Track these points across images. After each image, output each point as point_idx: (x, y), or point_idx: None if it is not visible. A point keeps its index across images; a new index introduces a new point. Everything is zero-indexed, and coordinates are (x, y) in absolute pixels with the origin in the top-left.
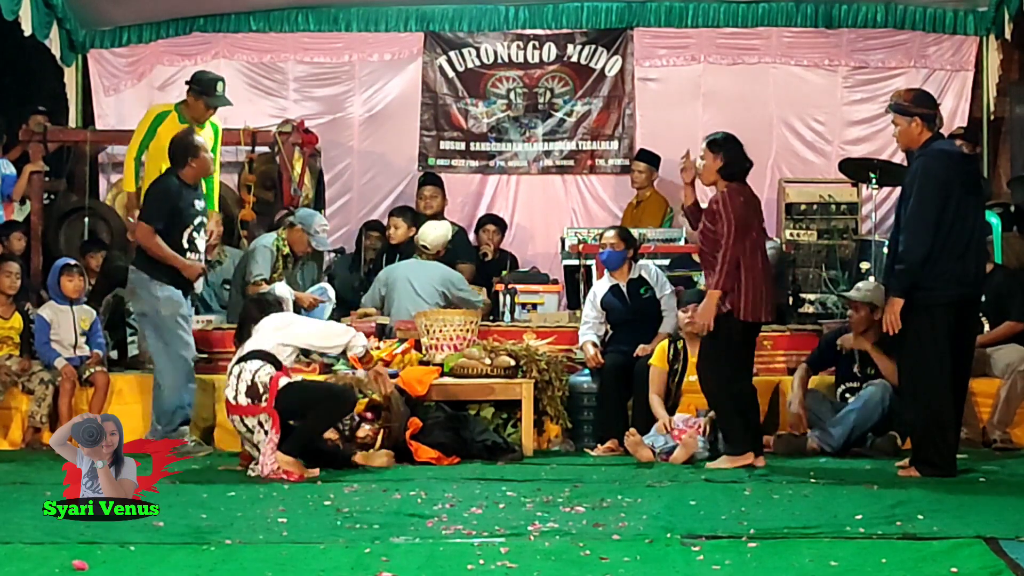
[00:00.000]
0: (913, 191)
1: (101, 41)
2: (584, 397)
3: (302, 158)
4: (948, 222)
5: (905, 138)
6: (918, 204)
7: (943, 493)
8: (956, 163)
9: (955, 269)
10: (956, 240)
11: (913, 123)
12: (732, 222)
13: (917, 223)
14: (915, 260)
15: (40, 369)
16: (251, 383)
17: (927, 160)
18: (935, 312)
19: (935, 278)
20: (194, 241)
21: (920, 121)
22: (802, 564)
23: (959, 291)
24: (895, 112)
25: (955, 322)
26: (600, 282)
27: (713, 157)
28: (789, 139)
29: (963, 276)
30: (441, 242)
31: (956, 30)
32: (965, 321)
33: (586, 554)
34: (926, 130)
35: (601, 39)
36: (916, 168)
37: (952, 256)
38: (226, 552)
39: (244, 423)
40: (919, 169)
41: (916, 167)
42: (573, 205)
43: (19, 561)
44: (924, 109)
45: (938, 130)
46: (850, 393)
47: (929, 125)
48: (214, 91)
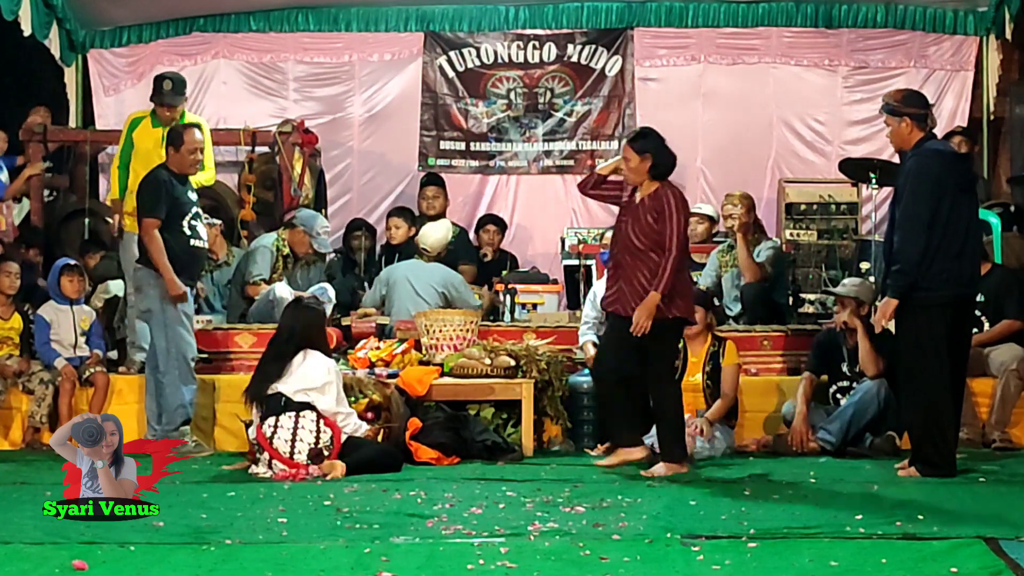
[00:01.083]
0: (906, 191)
1: (101, 41)
2: (584, 397)
3: (302, 158)
4: (942, 222)
5: (897, 138)
6: (911, 204)
7: (943, 493)
8: (949, 162)
9: (951, 269)
10: (952, 240)
11: (903, 123)
12: (680, 226)
13: (910, 223)
14: (910, 260)
15: (40, 369)
16: (315, 446)
17: (919, 159)
18: (932, 312)
19: (932, 278)
20: (195, 228)
21: (910, 121)
22: (802, 564)
23: (956, 291)
24: (886, 112)
25: (952, 322)
26: (600, 282)
27: (640, 158)
28: (789, 139)
29: (959, 276)
30: (442, 243)
31: (956, 30)
32: (962, 321)
33: (586, 554)
34: (917, 130)
35: (601, 39)
36: (908, 168)
37: (948, 256)
38: (226, 552)
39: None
40: (911, 169)
41: (908, 167)
42: (573, 205)
43: (19, 561)
44: (914, 109)
45: (930, 130)
46: (841, 393)
47: (920, 125)
48: (160, 90)
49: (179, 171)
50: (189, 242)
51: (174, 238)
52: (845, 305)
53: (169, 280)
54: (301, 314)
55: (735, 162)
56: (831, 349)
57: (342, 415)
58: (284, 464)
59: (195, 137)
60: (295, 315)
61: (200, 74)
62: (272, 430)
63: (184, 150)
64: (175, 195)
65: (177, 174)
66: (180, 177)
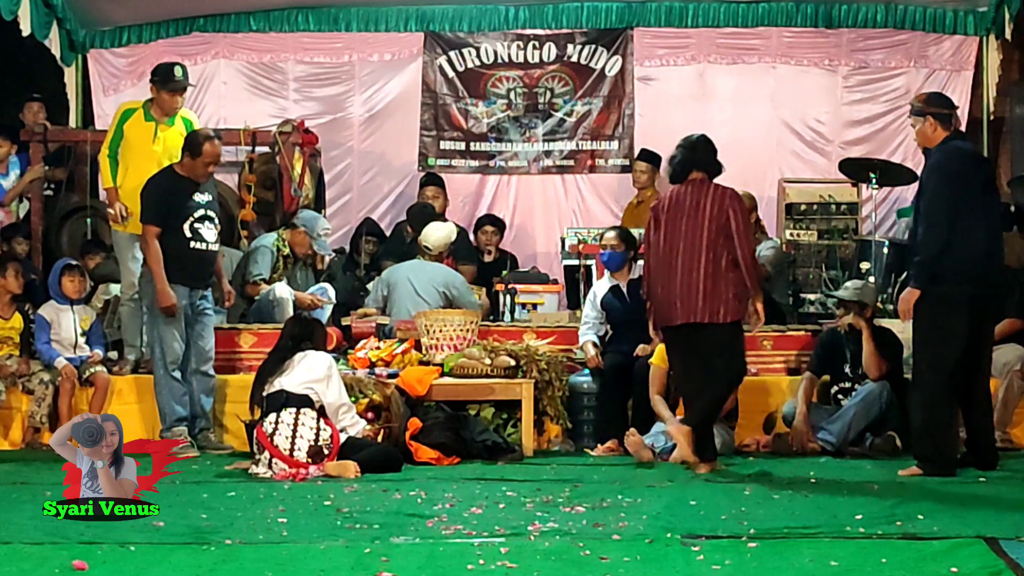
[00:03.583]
0: (929, 186)
1: (101, 41)
2: (584, 397)
3: (302, 158)
4: (965, 218)
5: (922, 137)
6: (933, 198)
7: (943, 493)
8: (972, 160)
9: (973, 266)
10: (973, 237)
11: (927, 122)
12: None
13: (933, 216)
14: (931, 252)
15: (40, 369)
16: (314, 443)
17: (942, 156)
18: (951, 308)
19: (953, 274)
20: (198, 231)
21: (933, 120)
22: (802, 564)
23: (977, 289)
24: (911, 115)
25: (973, 319)
26: (600, 282)
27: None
28: (789, 139)
29: (981, 273)
30: (444, 243)
31: (956, 30)
32: (982, 318)
33: (586, 554)
34: (941, 129)
35: (601, 39)
36: (932, 164)
37: (969, 252)
38: (226, 552)
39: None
40: (935, 164)
41: (932, 162)
42: (573, 205)
43: (19, 561)
44: (937, 108)
45: (956, 129)
46: (843, 394)
47: (944, 124)
48: (172, 76)
49: (190, 177)
50: (189, 244)
51: (174, 241)
52: (848, 308)
53: (160, 290)
54: (301, 322)
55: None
56: (834, 349)
57: (345, 406)
58: (284, 462)
59: (215, 150)
60: (296, 324)
61: (200, 74)
62: (273, 427)
63: (200, 161)
64: (178, 199)
65: (187, 177)
66: (190, 181)
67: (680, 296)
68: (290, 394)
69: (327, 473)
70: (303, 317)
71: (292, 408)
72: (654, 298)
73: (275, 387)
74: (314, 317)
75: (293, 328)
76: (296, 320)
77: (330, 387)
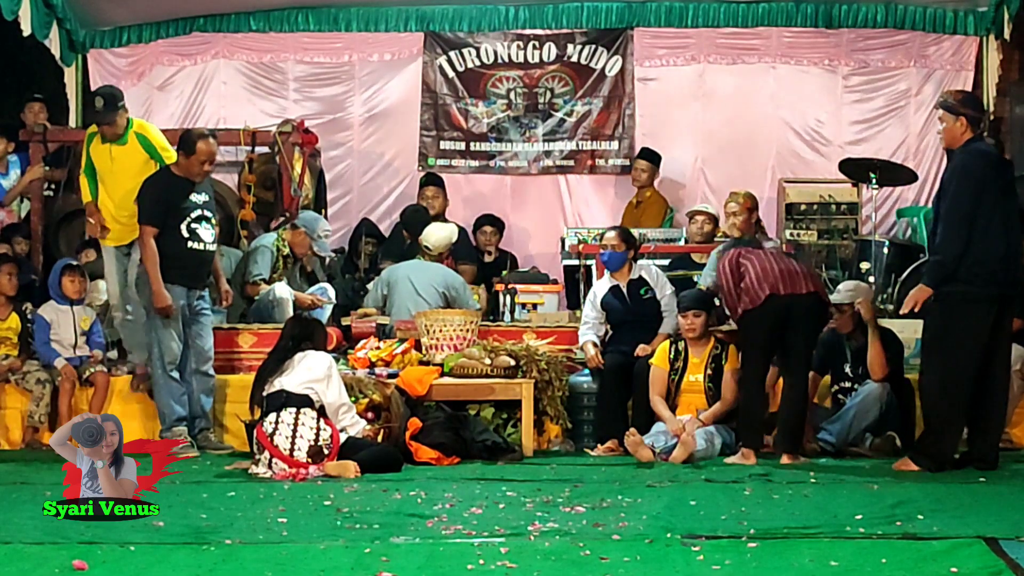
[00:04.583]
0: (951, 187)
1: (101, 41)
2: (584, 397)
3: (302, 158)
4: (985, 219)
5: (949, 136)
6: (954, 200)
7: (943, 493)
8: (994, 164)
9: (992, 267)
10: (993, 239)
11: (959, 122)
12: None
13: (953, 217)
14: (950, 252)
15: (36, 369)
16: (314, 443)
17: (966, 158)
18: (970, 308)
19: (972, 275)
20: (195, 231)
21: (965, 121)
22: (802, 564)
23: (996, 290)
24: (943, 109)
25: (991, 320)
26: (600, 282)
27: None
28: (789, 139)
29: (1000, 274)
30: (445, 243)
31: (956, 30)
32: (1000, 319)
33: (586, 554)
34: (969, 130)
35: (601, 39)
36: (955, 165)
37: (989, 254)
38: (226, 552)
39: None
40: (958, 166)
41: (955, 164)
42: (573, 205)
43: (19, 561)
44: (970, 111)
45: (981, 133)
46: (843, 394)
47: (973, 127)
48: (93, 108)
49: (186, 176)
50: (186, 244)
51: (171, 241)
52: (843, 310)
53: (156, 291)
54: (302, 322)
55: (735, 162)
56: (834, 349)
57: (345, 406)
58: (284, 462)
59: (209, 148)
60: (296, 324)
61: (200, 74)
62: (273, 427)
63: (195, 160)
64: (174, 199)
65: (183, 177)
66: (186, 181)
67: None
68: (290, 394)
69: (327, 473)
70: (303, 317)
71: (292, 408)
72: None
73: (275, 387)
74: (314, 317)
75: (293, 328)
76: (296, 320)
77: (330, 387)
